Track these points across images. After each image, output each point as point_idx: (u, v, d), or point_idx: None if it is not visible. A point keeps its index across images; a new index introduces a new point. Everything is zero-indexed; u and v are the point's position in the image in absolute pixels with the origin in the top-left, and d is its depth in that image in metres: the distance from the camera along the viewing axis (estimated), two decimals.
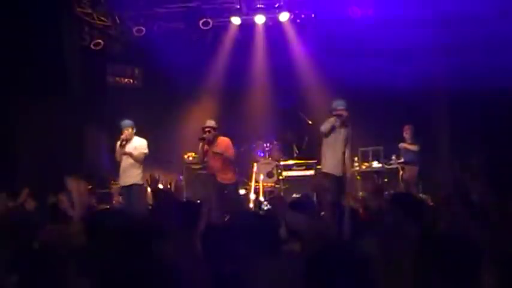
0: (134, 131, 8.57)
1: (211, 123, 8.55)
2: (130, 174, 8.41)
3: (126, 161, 8.45)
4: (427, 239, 2.89)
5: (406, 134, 9.89)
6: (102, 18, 10.64)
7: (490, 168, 7.18)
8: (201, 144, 8.55)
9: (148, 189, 7.72)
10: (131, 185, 8.36)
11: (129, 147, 8.46)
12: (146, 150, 8.54)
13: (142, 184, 8.31)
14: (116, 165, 8.80)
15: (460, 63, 8.94)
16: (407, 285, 2.71)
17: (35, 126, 9.98)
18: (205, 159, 8.86)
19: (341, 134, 8.03)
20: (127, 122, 8.56)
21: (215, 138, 8.52)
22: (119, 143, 8.46)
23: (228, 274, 2.86)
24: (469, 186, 4.54)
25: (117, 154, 8.51)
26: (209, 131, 8.46)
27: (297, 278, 2.32)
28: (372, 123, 10.73)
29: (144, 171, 8.47)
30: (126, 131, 8.46)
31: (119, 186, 8.95)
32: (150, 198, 5.22)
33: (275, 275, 2.68)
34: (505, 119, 7.81)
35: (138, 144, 8.51)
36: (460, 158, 8.03)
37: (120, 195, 8.70)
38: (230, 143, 8.62)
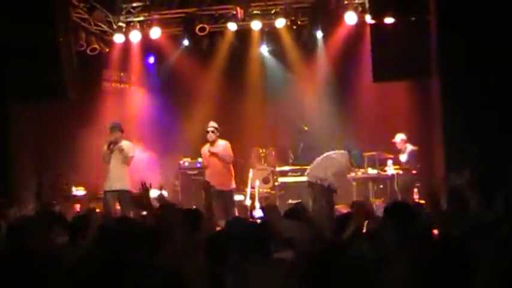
0: (123, 134, 8.54)
1: (213, 124, 8.88)
2: (119, 179, 8.36)
3: (115, 165, 8.39)
4: (423, 246, 2.90)
5: (398, 144, 9.94)
6: (99, 23, 10.65)
7: (484, 176, 7.19)
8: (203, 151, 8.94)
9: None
10: (119, 191, 8.31)
11: (115, 151, 8.39)
12: (132, 154, 8.53)
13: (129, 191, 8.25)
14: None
15: None
16: None
17: (30, 131, 9.98)
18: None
19: None
20: (115, 125, 8.56)
21: (215, 140, 8.83)
22: (106, 145, 8.42)
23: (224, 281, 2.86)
24: (463, 194, 4.56)
25: (104, 156, 8.45)
26: (213, 131, 8.81)
27: (288, 285, 2.33)
28: (367, 129, 10.78)
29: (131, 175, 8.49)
30: (115, 134, 8.42)
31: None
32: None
33: (266, 282, 2.68)
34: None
35: (125, 147, 8.45)
36: (455, 164, 8.05)
37: (105, 201, 8.47)
38: (229, 145, 8.92)
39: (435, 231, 3.91)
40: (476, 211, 4.36)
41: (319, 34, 10.89)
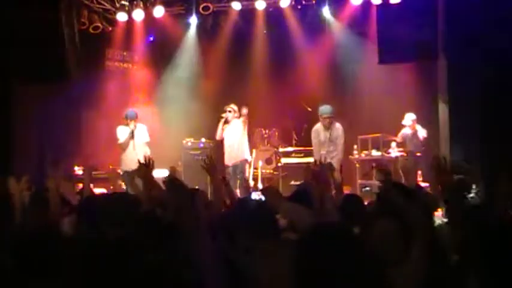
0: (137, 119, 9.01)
1: (232, 106, 9.38)
2: (133, 160, 8.43)
3: (132, 148, 8.79)
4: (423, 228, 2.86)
5: (409, 126, 9.84)
6: (101, 1, 10.53)
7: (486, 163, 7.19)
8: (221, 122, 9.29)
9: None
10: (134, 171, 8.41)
11: (136, 136, 8.90)
12: (148, 139, 9.03)
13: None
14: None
15: None
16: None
17: (33, 111, 9.94)
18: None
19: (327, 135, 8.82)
20: (132, 114, 8.97)
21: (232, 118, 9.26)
22: (129, 134, 8.83)
23: (231, 261, 2.83)
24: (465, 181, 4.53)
25: (123, 144, 8.89)
26: (229, 111, 9.27)
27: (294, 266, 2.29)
28: (371, 111, 10.72)
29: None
30: (133, 122, 8.87)
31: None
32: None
33: (275, 262, 2.66)
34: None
35: (142, 132, 8.98)
36: (459, 150, 8.03)
37: (125, 179, 8.81)
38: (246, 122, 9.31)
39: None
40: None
41: (325, 14, 10.79)
